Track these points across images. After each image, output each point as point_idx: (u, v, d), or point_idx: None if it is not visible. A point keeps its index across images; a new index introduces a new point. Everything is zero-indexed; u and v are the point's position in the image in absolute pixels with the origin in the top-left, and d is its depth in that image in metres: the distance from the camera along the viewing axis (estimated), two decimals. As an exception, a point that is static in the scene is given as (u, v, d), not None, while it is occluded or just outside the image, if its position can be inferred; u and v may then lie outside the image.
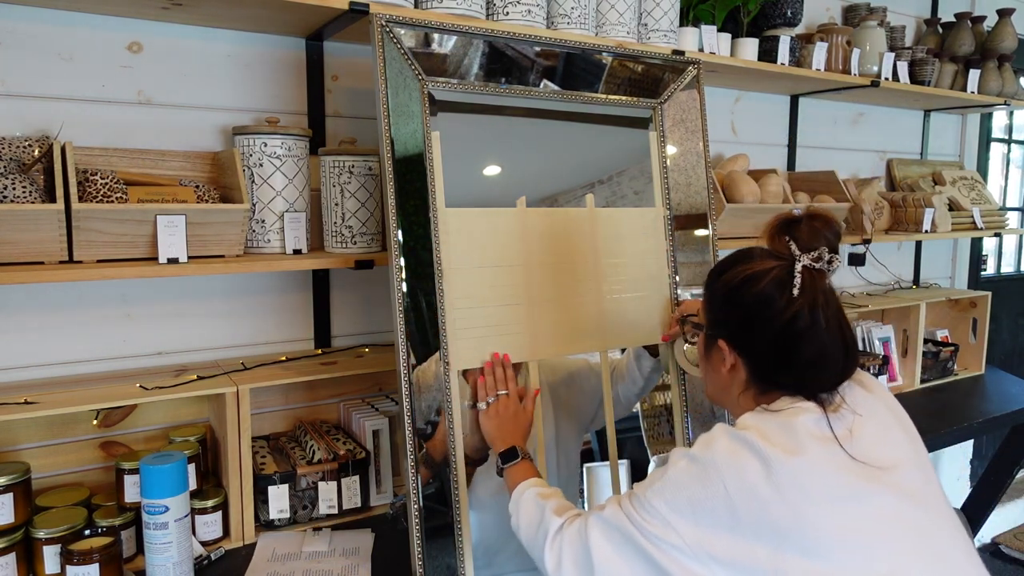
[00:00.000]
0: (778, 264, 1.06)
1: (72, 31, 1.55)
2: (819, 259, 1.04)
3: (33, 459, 1.50)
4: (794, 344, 1.04)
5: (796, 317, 1.02)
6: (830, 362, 1.04)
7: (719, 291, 1.14)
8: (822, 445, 0.98)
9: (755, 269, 1.07)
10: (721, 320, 1.15)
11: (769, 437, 0.97)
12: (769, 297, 1.05)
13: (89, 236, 1.37)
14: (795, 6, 2.35)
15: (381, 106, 1.39)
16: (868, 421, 1.04)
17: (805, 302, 1.02)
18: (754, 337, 1.08)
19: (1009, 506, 4.07)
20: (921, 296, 2.91)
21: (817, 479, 0.95)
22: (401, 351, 1.36)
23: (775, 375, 1.08)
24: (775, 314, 1.04)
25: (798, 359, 1.04)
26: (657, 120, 1.75)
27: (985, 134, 3.63)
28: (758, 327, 1.07)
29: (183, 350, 1.73)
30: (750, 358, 1.10)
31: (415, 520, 1.34)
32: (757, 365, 1.10)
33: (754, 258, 1.10)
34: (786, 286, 1.04)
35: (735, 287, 1.09)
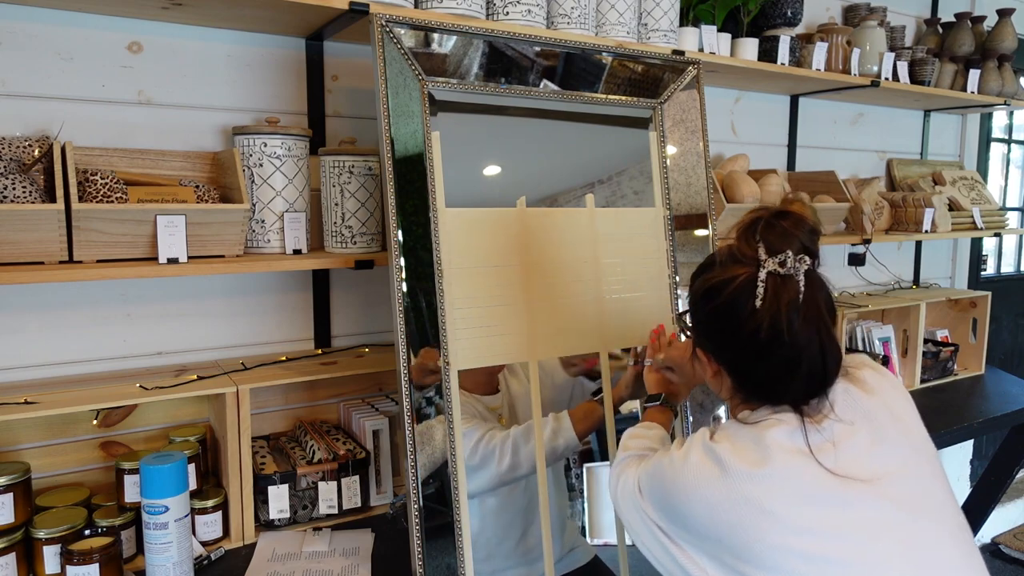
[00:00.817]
0: (743, 271, 0.99)
1: (72, 31, 1.55)
2: (784, 263, 0.97)
3: (33, 459, 1.50)
4: (761, 355, 0.99)
5: (758, 329, 0.97)
6: (804, 371, 0.98)
7: (692, 299, 1.11)
8: (793, 458, 0.95)
9: (719, 277, 1.02)
10: (696, 328, 1.12)
11: (738, 451, 0.96)
12: (732, 307, 1.00)
13: (89, 236, 1.37)
14: (795, 6, 2.35)
15: (381, 106, 1.39)
16: (859, 429, 1.00)
17: (767, 313, 0.96)
18: (724, 347, 1.06)
19: (1009, 506, 4.07)
20: (921, 296, 2.91)
21: (778, 494, 0.93)
22: (401, 351, 1.36)
23: (751, 385, 1.05)
24: (738, 325, 0.99)
25: (768, 370, 1.00)
26: (657, 120, 1.75)
27: (985, 134, 3.63)
28: (725, 337, 1.04)
29: (183, 350, 1.73)
30: (726, 366, 1.07)
31: (415, 520, 1.34)
32: (734, 374, 1.06)
33: (717, 264, 1.04)
34: (750, 296, 0.98)
35: (702, 296, 1.05)
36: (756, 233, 1.00)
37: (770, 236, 0.99)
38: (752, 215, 1.03)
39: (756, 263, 0.98)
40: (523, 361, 1.50)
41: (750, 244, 1.00)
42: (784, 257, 0.97)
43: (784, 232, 0.99)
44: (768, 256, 0.98)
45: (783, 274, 0.97)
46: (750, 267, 0.99)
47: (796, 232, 0.99)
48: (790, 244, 0.98)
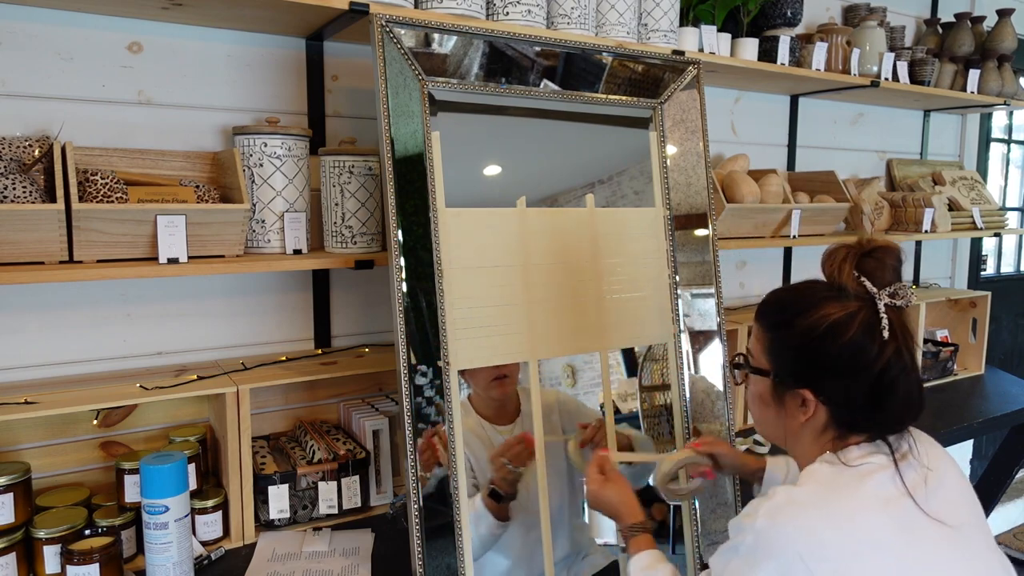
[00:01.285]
0: (859, 306, 1.00)
1: (72, 31, 1.55)
2: (896, 295, 0.99)
3: (33, 459, 1.50)
4: (890, 389, 0.99)
5: (891, 363, 0.98)
6: (916, 401, 1.01)
7: (795, 339, 1.05)
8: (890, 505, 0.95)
9: (838, 315, 1.00)
10: (802, 370, 1.05)
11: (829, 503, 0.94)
12: (861, 345, 0.99)
13: (89, 236, 1.37)
14: (795, 6, 2.35)
15: (381, 106, 1.39)
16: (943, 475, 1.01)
17: (896, 344, 0.98)
18: (845, 386, 1.02)
19: (1009, 506, 4.07)
20: (921, 296, 2.91)
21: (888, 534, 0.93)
22: (401, 351, 1.36)
23: (862, 420, 1.03)
24: (870, 362, 0.99)
25: (891, 403, 1.00)
26: (657, 120, 1.75)
27: (985, 134, 3.63)
28: (850, 376, 1.01)
29: (183, 350, 1.73)
30: (836, 406, 1.03)
31: (415, 520, 1.34)
32: (843, 412, 1.03)
33: (828, 300, 1.02)
34: (875, 330, 0.98)
35: (819, 336, 1.01)
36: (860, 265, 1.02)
37: (873, 267, 1.02)
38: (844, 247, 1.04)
39: (870, 297, 1.00)
40: (524, 360, 1.50)
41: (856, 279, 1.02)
42: (896, 288, 1.00)
43: (883, 263, 1.02)
44: (879, 288, 1.00)
45: (898, 305, 1.00)
46: (861, 301, 1.00)
47: (893, 262, 1.02)
48: (890, 275, 1.01)
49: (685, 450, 1.43)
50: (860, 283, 1.01)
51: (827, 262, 1.06)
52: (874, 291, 1.00)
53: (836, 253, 1.05)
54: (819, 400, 1.04)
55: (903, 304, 1.00)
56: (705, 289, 1.77)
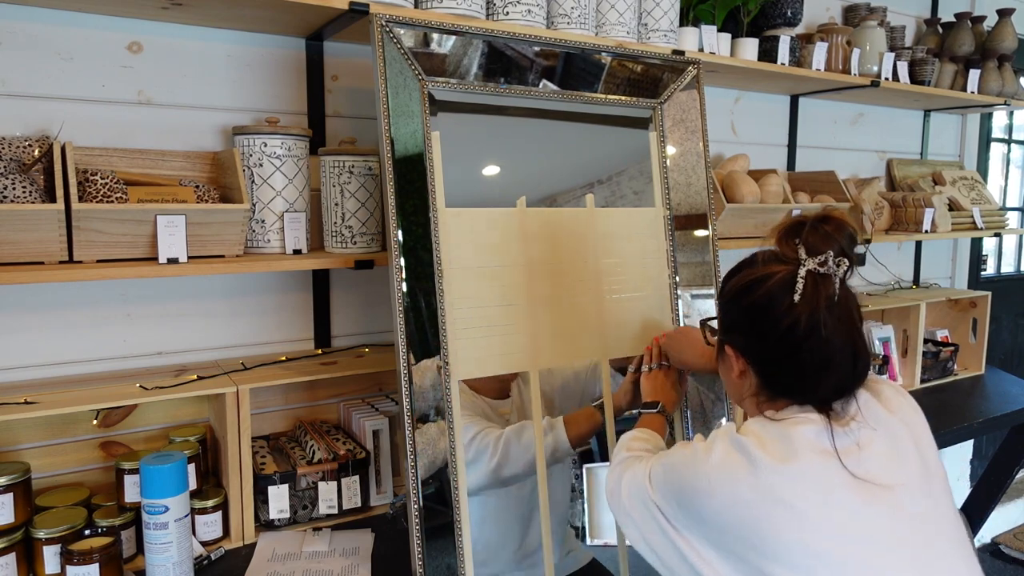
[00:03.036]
0: (783, 268, 1.03)
1: (72, 31, 1.55)
2: (824, 263, 1.01)
3: (33, 459, 1.50)
4: (794, 351, 1.02)
5: (795, 323, 1.00)
6: (834, 370, 1.01)
7: (726, 295, 1.12)
8: (819, 457, 0.97)
9: (758, 273, 1.05)
10: (727, 325, 1.13)
11: (765, 445, 0.98)
12: (770, 302, 1.02)
13: (89, 236, 1.37)
14: (795, 6, 2.35)
15: (381, 106, 1.39)
16: (881, 437, 1.02)
17: (806, 308, 0.99)
18: (756, 343, 1.07)
19: (1009, 506, 4.07)
20: (921, 296, 2.91)
21: (803, 490, 0.95)
22: (401, 351, 1.36)
23: (780, 382, 1.06)
24: (775, 319, 1.02)
25: (800, 366, 1.02)
26: (657, 120, 1.75)
27: (985, 134, 3.63)
28: (759, 333, 1.05)
29: (183, 350, 1.73)
30: (755, 364, 1.09)
31: (415, 520, 1.34)
32: (763, 372, 1.08)
33: (759, 262, 1.07)
34: (788, 291, 1.01)
35: (739, 292, 1.07)
36: (797, 236, 1.04)
37: (811, 238, 1.03)
38: (794, 220, 1.07)
39: (796, 262, 1.02)
40: (523, 370, 1.50)
41: (791, 245, 1.04)
42: (825, 258, 1.01)
43: (825, 235, 1.03)
44: (808, 256, 1.02)
45: (823, 273, 1.01)
46: (790, 265, 1.03)
47: (837, 236, 1.03)
48: (830, 247, 1.02)
49: None
50: (793, 249, 1.03)
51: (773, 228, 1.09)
52: (802, 257, 1.02)
53: (784, 221, 1.08)
54: (744, 359, 1.10)
55: (829, 273, 1.00)
56: (705, 289, 1.77)
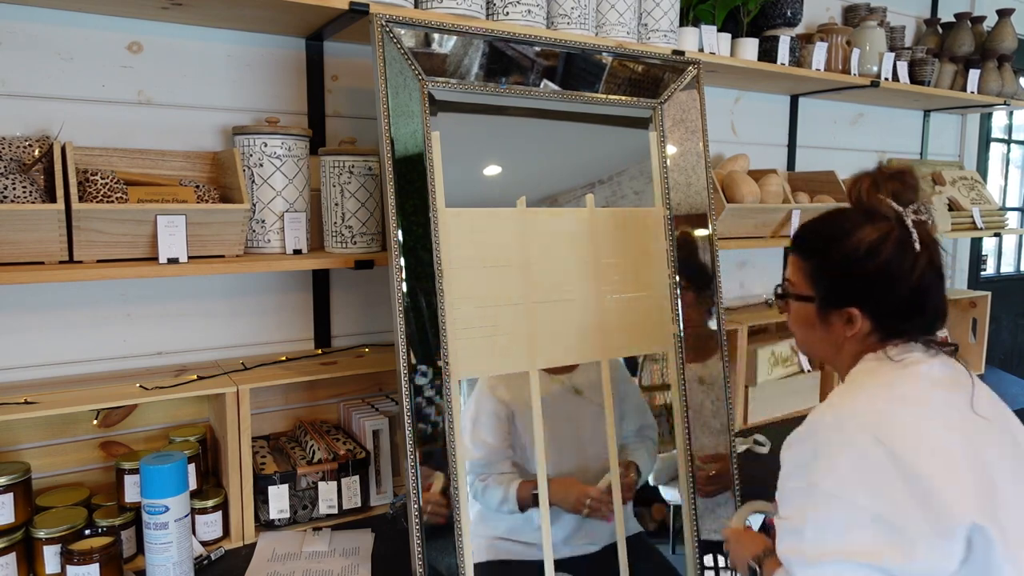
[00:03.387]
0: (890, 225, 1.09)
1: (72, 31, 1.55)
2: (920, 211, 1.09)
3: (33, 459, 1.50)
4: (926, 296, 1.10)
5: (925, 271, 1.08)
6: (944, 306, 1.14)
7: (836, 263, 1.13)
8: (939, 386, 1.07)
9: (873, 237, 1.09)
10: (845, 289, 1.14)
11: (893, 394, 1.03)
12: (898, 260, 1.08)
13: (89, 236, 1.37)
14: (795, 6, 2.35)
15: (381, 106, 1.39)
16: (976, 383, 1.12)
17: (928, 255, 1.08)
18: (887, 298, 1.11)
19: (1009, 506, 4.06)
20: (921, 296, 2.90)
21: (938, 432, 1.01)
22: (401, 351, 1.36)
23: (905, 326, 1.12)
24: (906, 272, 1.08)
25: (930, 309, 1.12)
26: (657, 120, 1.75)
27: (985, 134, 3.63)
28: (892, 289, 1.10)
29: (183, 350, 1.73)
30: (879, 318, 1.12)
31: (415, 520, 1.34)
32: (886, 321, 1.12)
33: (861, 223, 1.11)
34: (907, 245, 1.07)
35: (860, 258, 1.10)
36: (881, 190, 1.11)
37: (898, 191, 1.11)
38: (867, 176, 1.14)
39: (896, 216, 1.09)
40: (523, 371, 1.50)
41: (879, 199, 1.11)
42: (919, 206, 1.10)
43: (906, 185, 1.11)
44: (904, 207, 1.09)
45: (923, 220, 1.10)
46: (891, 221, 1.09)
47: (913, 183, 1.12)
48: (911, 194, 1.11)
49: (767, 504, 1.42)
50: (888, 204, 1.10)
51: (853, 188, 1.15)
52: (900, 210, 1.09)
53: (861, 180, 1.14)
54: (864, 314, 1.12)
55: (927, 219, 1.10)
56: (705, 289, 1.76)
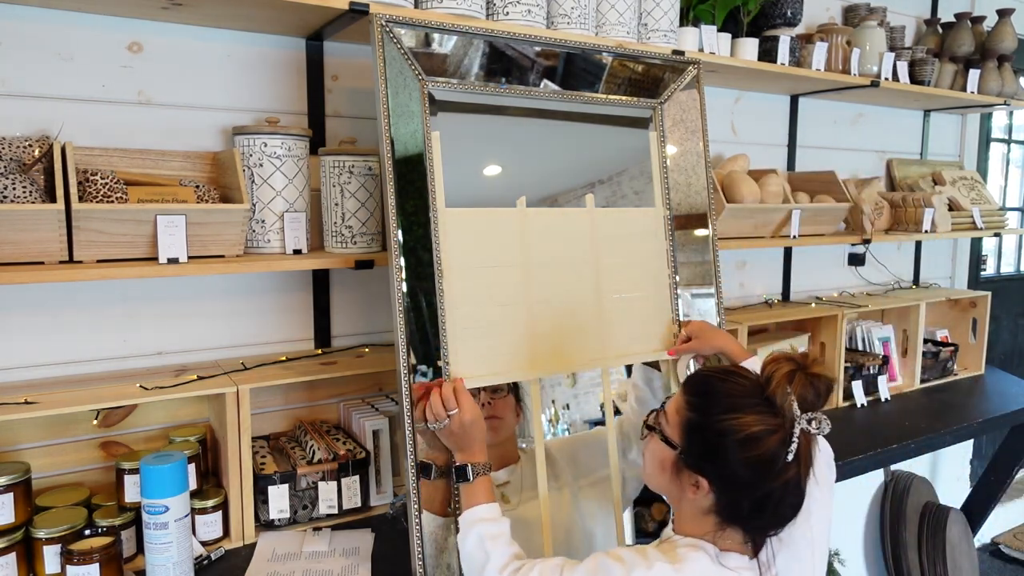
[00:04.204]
0: (778, 424, 1.03)
1: (72, 31, 1.55)
2: (813, 423, 1.03)
3: (33, 459, 1.50)
4: (776, 504, 1.05)
5: (786, 483, 1.03)
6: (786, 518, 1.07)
7: (711, 434, 1.07)
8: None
9: (757, 429, 1.03)
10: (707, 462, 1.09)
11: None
12: (767, 461, 1.03)
13: (89, 236, 1.37)
14: (795, 6, 2.35)
15: (381, 106, 1.39)
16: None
17: (795, 470, 1.03)
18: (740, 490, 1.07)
19: (1009, 506, 4.07)
20: (921, 296, 2.91)
21: None
22: (401, 351, 1.36)
23: (743, 520, 1.08)
24: (769, 478, 1.04)
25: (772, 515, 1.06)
26: (657, 120, 1.75)
27: (985, 134, 3.63)
28: (747, 484, 1.06)
29: (183, 350, 1.73)
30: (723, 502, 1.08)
31: (415, 520, 1.34)
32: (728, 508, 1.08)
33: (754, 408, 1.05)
34: (784, 451, 1.03)
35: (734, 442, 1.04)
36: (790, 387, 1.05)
37: (807, 394, 1.05)
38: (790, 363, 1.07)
39: (790, 420, 1.04)
40: (523, 375, 1.50)
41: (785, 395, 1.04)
42: (814, 418, 1.04)
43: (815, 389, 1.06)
44: (801, 412, 1.04)
45: (811, 432, 1.04)
46: (782, 419, 1.04)
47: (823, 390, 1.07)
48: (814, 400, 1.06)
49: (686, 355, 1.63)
50: (790, 404, 1.04)
51: (767, 367, 1.08)
52: (797, 414, 1.03)
53: (782, 364, 1.07)
54: (712, 489, 1.09)
55: (816, 433, 1.04)
56: (705, 289, 1.77)
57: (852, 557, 3.16)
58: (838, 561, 3.01)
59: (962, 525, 3.18)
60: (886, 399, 2.62)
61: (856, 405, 2.54)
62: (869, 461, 2.15)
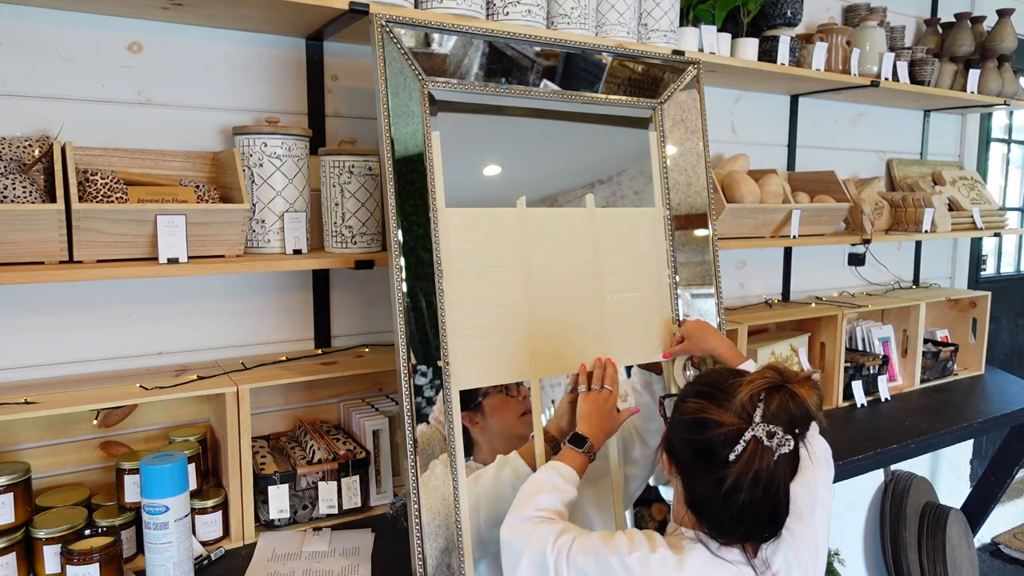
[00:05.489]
0: (732, 423, 1.03)
1: (72, 31, 1.55)
2: (771, 436, 1.02)
3: (33, 459, 1.50)
4: (715, 499, 1.04)
5: (723, 479, 1.02)
6: (750, 523, 1.04)
7: (680, 411, 1.13)
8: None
9: (711, 416, 1.05)
10: (671, 435, 1.15)
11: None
12: (709, 450, 1.05)
13: (89, 236, 1.37)
14: (795, 6, 2.35)
15: (381, 106, 1.39)
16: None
17: (736, 471, 1.01)
18: (685, 472, 1.11)
19: (1009, 506, 4.07)
20: (921, 296, 2.91)
21: None
22: (401, 351, 1.36)
23: (707, 513, 1.08)
24: (708, 467, 1.05)
25: (721, 511, 1.05)
26: (657, 120, 1.75)
27: (985, 134, 3.63)
28: (690, 467, 1.09)
29: (183, 350, 1.73)
30: (683, 484, 1.12)
31: (415, 520, 1.34)
32: (689, 496, 1.11)
33: (719, 402, 1.06)
34: (728, 447, 1.02)
35: (690, 422, 1.09)
36: (762, 392, 1.04)
37: (771, 402, 1.03)
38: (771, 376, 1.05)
39: (748, 420, 1.03)
40: (523, 376, 1.50)
41: (753, 400, 1.04)
42: (774, 430, 1.02)
43: (783, 405, 1.03)
44: (762, 420, 1.02)
45: (765, 444, 1.02)
46: (742, 421, 1.03)
47: (794, 410, 1.03)
48: (783, 419, 1.03)
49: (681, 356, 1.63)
50: (754, 405, 1.03)
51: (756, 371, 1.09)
52: (755, 419, 1.02)
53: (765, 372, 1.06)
54: (672, 467, 1.13)
55: (771, 447, 1.01)
56: (705, 289, 1.77)
57: (852, 557, 3.16)
58: (838, 561, 3.01)
59: (962, 525, 3.18)
60: (886, 399, 2.62)
61: (856, 405, 2.54)
62: (869, 461, 2.16)
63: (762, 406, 1.03)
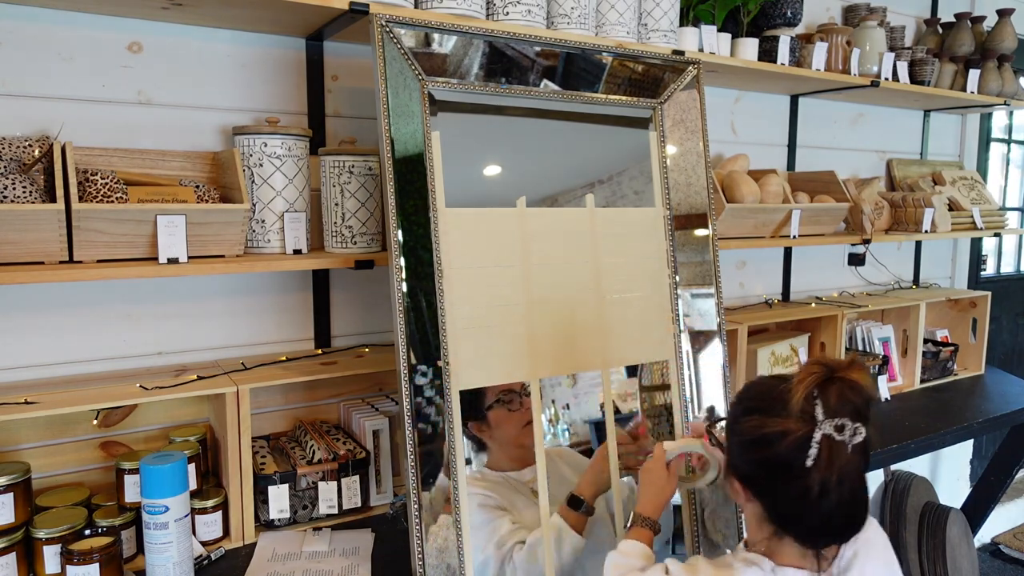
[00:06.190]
0: (798, 428, 1.00)
1: (72, 31, 1.55)
2: (841, 430, 0.99)
3: (33, 459, 1.50)
4: (801, 508, 1.03)
5: (808, 488, 1.00)
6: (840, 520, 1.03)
7: (738, 433, 1.10)
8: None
9: (773, 429, 1.02)
10: (734, 462, 1.12)
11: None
12: (783, 463, 1.02)
13: (89, 236, 1.37)
14: (795, 6, 2.35)
15: (381, 106, 1.39)
16: None
17: (819, 476, 0.99)
18: (764, 491, 1.08)
19: (1009, 506, 4.07)
20: (921, 296, 2.91)
21: None
22: (401, 351, 1.36)
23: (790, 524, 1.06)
24: (788, 479, 1.02)
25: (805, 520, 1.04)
26: (657, 120, 1.75)
27: (985, 134, 3.63)
28: (768, 485, 1.06)
29: (183, 350, 1.73)
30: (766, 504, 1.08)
31: (415, 520, 1.34)
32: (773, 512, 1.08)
33: (776, 412, 1.03)
34: (802, 453, 1.00)
35: (752, 440, 1.06)
36: (822, 390, 1.01)
37: (829, 396, 1.00)
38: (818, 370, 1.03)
39: (812, 421, 1.00)
40: (523, 377, 1.50)
41: (809, 400, 1.01)
42: (842, 423, 0.99)
43: (843, 396, 1.01)
44: (826, 417, 1.00)
45: (837, 439, 0.99)
46: (806, 424, 1.00)
47: (855, 399, 1.01)
48: (847, 409, 1.00)
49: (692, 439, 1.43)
50: (812, 404, 1.01)
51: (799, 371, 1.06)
52: (820, 417, 1.00)
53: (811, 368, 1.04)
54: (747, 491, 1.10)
55: (844, 441, 0.99)
56: (705, 289, 1.77)
57: (852, 557, 3.16)
58: (838, 561, 3.00)
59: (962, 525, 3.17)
60: (886, 399, 2.62)
61: (856, 405, 2.54)
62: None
63: (820, 402, 1.00)
